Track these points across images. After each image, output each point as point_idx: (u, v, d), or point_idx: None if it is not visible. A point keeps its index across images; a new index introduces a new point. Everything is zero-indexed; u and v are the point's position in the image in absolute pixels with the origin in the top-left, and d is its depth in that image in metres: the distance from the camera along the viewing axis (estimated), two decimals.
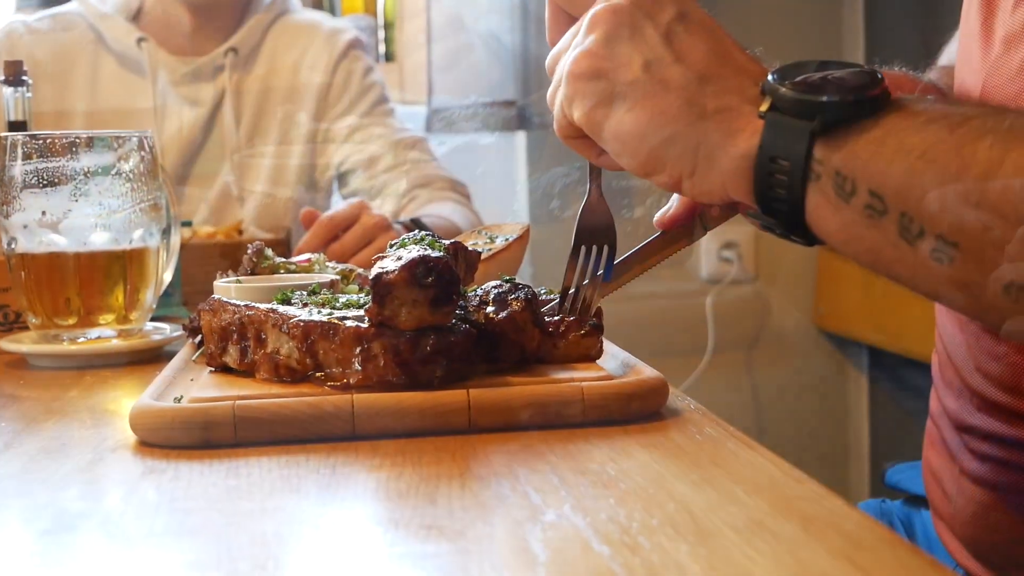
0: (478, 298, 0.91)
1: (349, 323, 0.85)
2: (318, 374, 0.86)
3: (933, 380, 1.13)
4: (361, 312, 0.87)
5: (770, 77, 0.77)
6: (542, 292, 0.99)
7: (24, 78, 1.40)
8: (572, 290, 0.93)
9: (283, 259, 1.16)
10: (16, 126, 1.39)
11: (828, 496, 0.63)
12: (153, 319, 1.35)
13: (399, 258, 0.84)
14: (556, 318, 0.92)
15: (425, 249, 0.86)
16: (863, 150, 0.73)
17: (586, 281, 0.93)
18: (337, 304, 0.92)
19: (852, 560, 0.53)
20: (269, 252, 1.16)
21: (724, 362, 2.84)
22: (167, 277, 1.32)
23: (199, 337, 1.01)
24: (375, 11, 2.96)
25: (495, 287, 0.91)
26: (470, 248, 1.00)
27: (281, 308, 0.90)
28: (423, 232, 0.93)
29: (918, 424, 1.18)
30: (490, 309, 0.89)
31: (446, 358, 0.83)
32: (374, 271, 0.83)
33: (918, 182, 0.71)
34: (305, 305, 0.93)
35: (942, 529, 1.11)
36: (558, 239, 2.79)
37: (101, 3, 2.17)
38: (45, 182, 1.16)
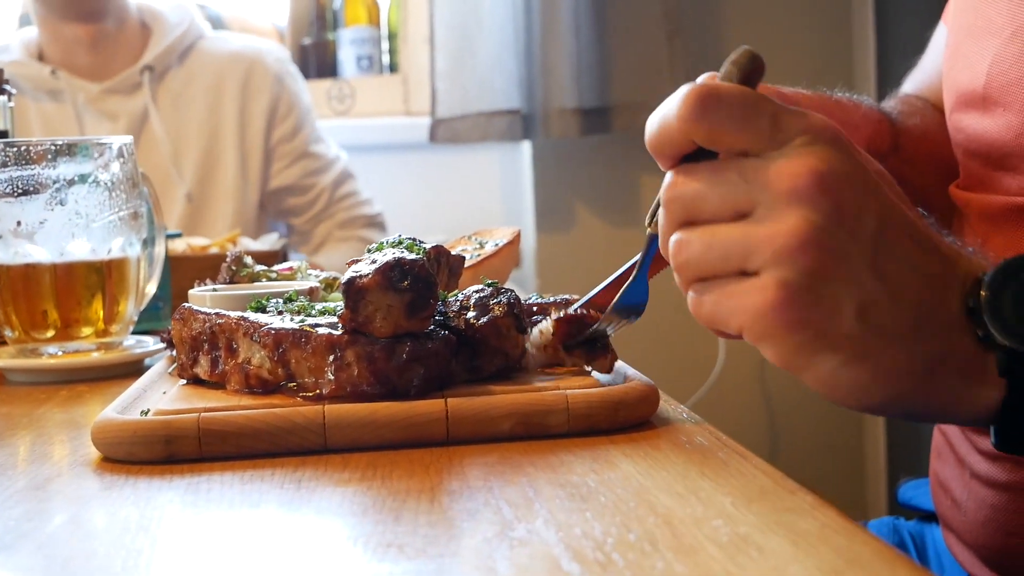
0: (459, 303, 0.86)
1: (322, 330, 0.81)
2: (290, 384, 0.82)
3: None
4: (335, 319, 0.83)
5: (990, 327, 0.67)
6: (531, 299, 0.95)
7: (6, 87, 1.36)
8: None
9: (264, 267, 1.12)
10: None
11: (822, 508, 0.58)
12: (142, 332, 1.32)
13: (373, 261, 0.80)
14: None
15: (403, 252, 0.82)
16: None
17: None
18: (312, 311, 0.88)
19: None
20: (248, 260, 1.11)
21: (735, 375, 2.78)
22: (151, 288, 1.28)
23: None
24: (378, 22, 2.93)
25: (477, 291, 0.87)
26: (456, 253, 0.96)
27: (253, 316, 0.86)
28: (401, 235, 0.89)
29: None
30: (471, 314, 0.84)
31: (423, 366, 0.79)
32: (347, 275, 0.79)
33: None
34: (280, 313, 0.89)
35: (952, 541, 1.06)
36: (565, 249, 2.76)
37: (4, 53, 2.31)
38: (20, 191, 1.12)
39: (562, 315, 0.85)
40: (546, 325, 0.86)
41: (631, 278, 0.80)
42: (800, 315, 0.65)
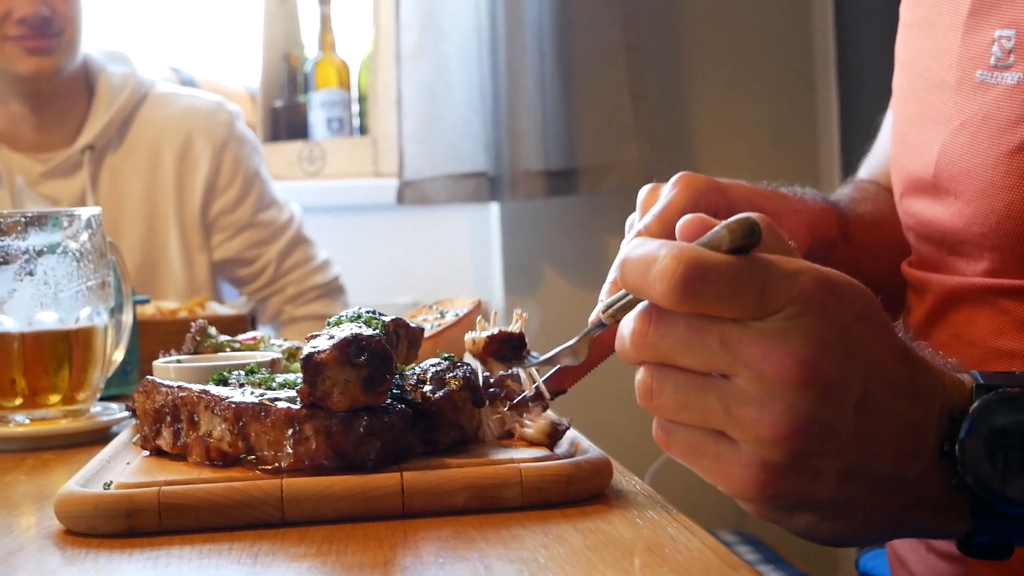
0: (416, 376, 0.88)
1: (281, 404, 0.83)
2: (250, 457, 0.84)
3: None
4: (295, 393, 0.84)
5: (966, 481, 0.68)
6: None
7: None
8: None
9: (228, 337, 1.14)
10: None
11: None
12: (110, 398, 1.33)
13: (331, 336, 0.82)
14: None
15: (360, 327, 0.84)
16: None
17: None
18: (273, 384, 0.90)
19: None
20: (212, 330, 1.13)
21: None
22: (118, 356, 1.29)
23: None
24: (349, 85, 2.97)
25: (433, 365, 0.89)
26: (417, 324, 0.98)
27: (214, 389, 0.88)
28: (361, 308, 0.91)
29: None
30: (427, 388, 0.86)
31: (380, 439, 0.81)
32: (305, 350, 0.81)
33: None
34: (241, 386, 0.91)
35: None
36: (532, 309, 2.77)
37: None
38: None
39: (496, 332, 0.89)
40: (479, 335, 0.88)
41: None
42: (781, 489, 0.66)
